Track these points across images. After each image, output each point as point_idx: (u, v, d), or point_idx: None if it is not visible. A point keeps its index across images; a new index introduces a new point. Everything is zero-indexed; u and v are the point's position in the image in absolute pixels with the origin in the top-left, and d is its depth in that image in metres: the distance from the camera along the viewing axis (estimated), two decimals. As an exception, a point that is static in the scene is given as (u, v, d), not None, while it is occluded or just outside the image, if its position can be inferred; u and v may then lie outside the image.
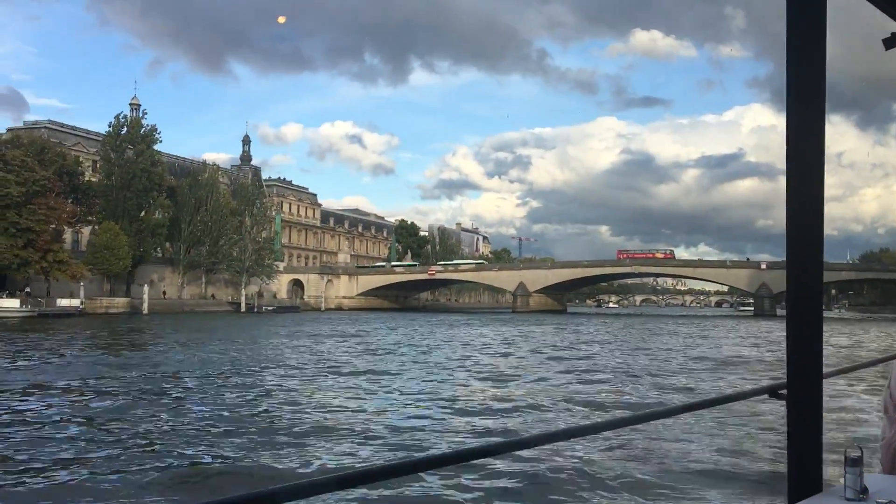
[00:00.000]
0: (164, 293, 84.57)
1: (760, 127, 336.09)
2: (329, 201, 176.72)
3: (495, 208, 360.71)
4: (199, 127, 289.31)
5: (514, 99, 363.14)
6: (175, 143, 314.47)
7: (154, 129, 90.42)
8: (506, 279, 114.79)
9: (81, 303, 65.56)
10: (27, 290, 62.65)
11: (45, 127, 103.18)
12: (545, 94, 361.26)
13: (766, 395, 2.28)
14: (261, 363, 27.21)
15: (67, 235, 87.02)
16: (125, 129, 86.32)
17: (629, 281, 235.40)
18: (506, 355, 32.10)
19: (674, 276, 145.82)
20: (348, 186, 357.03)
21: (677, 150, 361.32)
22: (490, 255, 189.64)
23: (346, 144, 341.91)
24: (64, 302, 64.15)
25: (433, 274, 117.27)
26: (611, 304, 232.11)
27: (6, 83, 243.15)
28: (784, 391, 1.98)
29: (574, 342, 40.65)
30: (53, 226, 76.23)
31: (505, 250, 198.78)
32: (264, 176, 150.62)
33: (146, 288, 75.62)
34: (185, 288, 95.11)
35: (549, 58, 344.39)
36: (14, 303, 59.16)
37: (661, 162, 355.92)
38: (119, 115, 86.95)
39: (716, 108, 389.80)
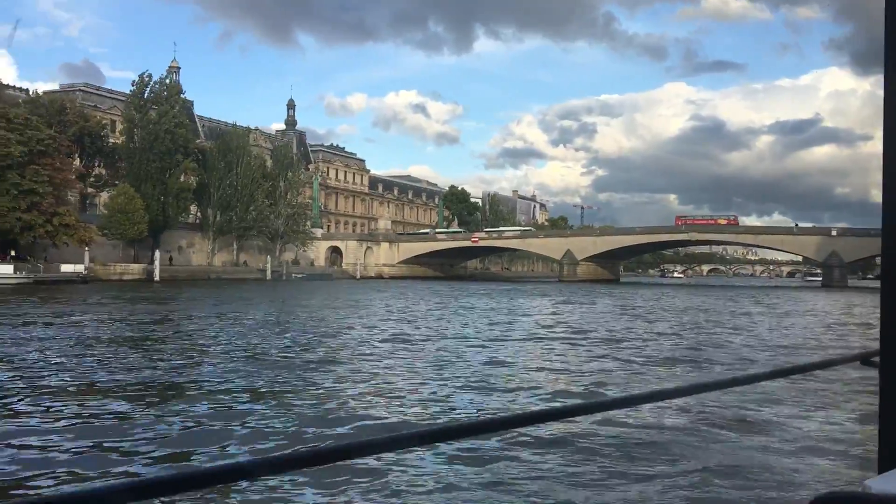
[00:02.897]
0: (171, 259, 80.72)
1: (838, 91, 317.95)
2: (392, 170, 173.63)
3: (560, 177, 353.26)
4: (266, 97, 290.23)
5: (579, 65, 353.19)
6: (241, 113, 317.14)
7: (176, 88, 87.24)
8: (553, 247, 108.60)
9: (85, 269, 62.48)
10: (12, 253, 59.65)
11: (80, 90, 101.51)
12: (611, 61, 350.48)
13: (857, 363, 2.20)
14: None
15: (101, 199, 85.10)
16: (148, 90, 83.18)
17: (696, 250, 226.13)
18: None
19: (736, 244, 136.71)
20: (413, 156, 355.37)
21: (750, 116, 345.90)
22: (546, 223, 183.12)
23: (411, 114, 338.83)
24: (67, 268, 61.16)
25: (476, 241, 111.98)
26: (675, 274, 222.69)
27: (84, 56, 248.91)
28: (876, 358, 1.90)
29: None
30: (74, 189, 74.22)
31: (562, 218, 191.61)
32: (326, 143, 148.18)
33: (157, 254, 72.44)
34: (217, 255, 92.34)
35: (616, 22, 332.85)
36: (8, 268, 56.22)
37: (732, 128, 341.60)
38: (143, 74, 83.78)
39: (791, 71, 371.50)
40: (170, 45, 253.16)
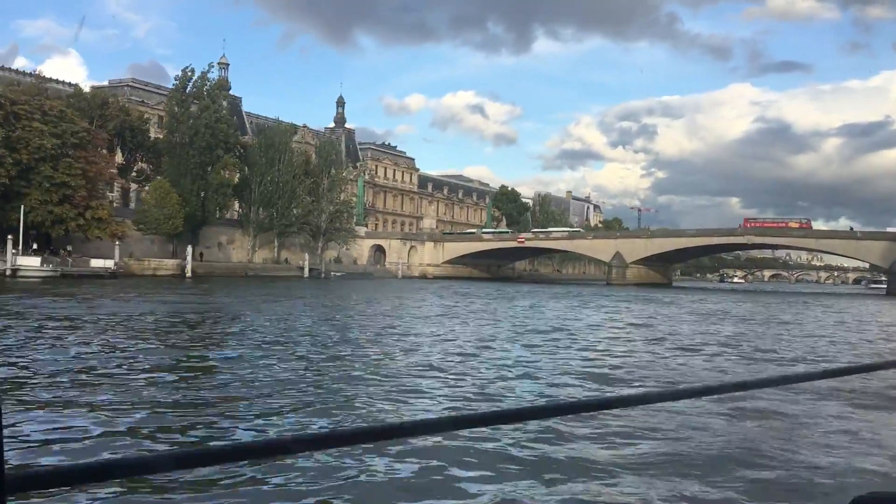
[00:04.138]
0: (202, 255, 78.69)
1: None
2: (448, 170, 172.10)
3: (619, 179, 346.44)
4: (325, 97, 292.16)
5: (640, 66, 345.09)
6: (300, 113, 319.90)
7: (221, 83, 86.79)
8: (601, 248, 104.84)
9: (115, 263, 61.85)
10: (34, 246, 59.34)
11: (128, 85, 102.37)
12: (674, 61, 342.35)
13: None
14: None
15: (144, 193, 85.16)
16: (191, 85, 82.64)
17: (758, 255, 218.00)
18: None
19: (796, 248, 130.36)
20: (470, 157, 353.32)
21: (817, 118, 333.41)
22: (599, 225, 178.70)
23: (468, 115, 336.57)
24: (97, 262, 60.55)
25: (522, 242, 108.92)
26: (735, 280, 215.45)
27: (150, 58, 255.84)
28: None
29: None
30: (112, 182, 74.19)
31: (616, 220, 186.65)
32: (382, 143, 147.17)
33: (189, 249, 71.70)
34: (258, 251, 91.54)
35: (679, 22, 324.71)
36: (34, 261, 55.73)
37: (798, 130, 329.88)
38: (186, 68, 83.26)
39: (861, 72, 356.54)
40: (233, 45, 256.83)
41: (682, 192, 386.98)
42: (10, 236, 55.41)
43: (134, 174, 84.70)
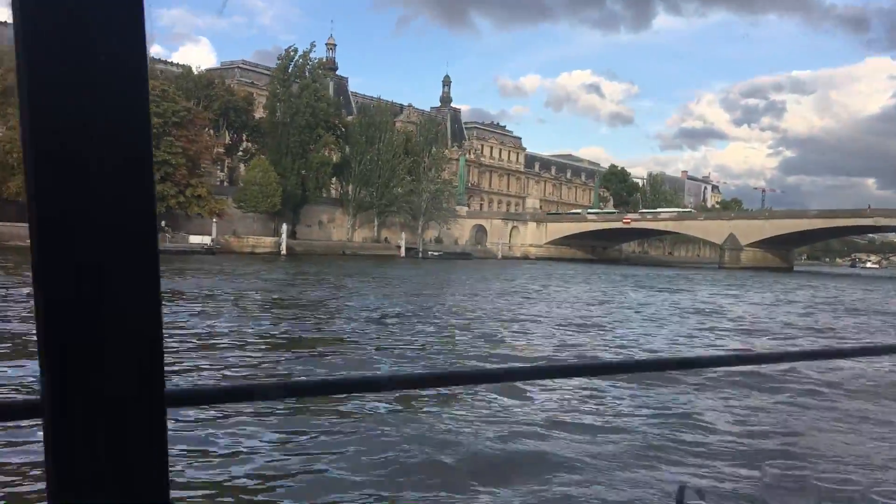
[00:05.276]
0: (294, 233, 78.92)
1: None
2: (563, 150, 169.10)
3: (743, 159, 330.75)
4: (438, 79, 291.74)
5: (768, 40, 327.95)
6: (412, 94, 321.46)
7: (323, 63, 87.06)
8: (713, 230, 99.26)
9: (212, 240, 63.13)
10: None
11: (239, 67, 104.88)
12: (805, 34, 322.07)
13: None
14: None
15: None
16: (293, 65, 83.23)
17: (895, 238, 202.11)
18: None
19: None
20: (585, 137, 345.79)
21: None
22: (717, 206, 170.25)
23: (584, 94, 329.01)
24: (195, 239, 62.08)
25: (628, 223, 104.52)
26: (868, 265, 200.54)
27: (274, 43, 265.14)
28: None
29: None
30: (211, 161, 75.75)
31: (735, 201, 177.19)
32: (504, 123, 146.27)
33: (284, 227, 72.31)
34: (357, 230, 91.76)
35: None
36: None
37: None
38: (289, 48, 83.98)
39: None
40: (350, 29, 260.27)
41: (813, 173, 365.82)
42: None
43: (240, 153, 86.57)
